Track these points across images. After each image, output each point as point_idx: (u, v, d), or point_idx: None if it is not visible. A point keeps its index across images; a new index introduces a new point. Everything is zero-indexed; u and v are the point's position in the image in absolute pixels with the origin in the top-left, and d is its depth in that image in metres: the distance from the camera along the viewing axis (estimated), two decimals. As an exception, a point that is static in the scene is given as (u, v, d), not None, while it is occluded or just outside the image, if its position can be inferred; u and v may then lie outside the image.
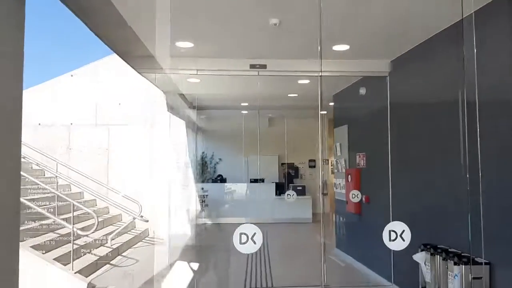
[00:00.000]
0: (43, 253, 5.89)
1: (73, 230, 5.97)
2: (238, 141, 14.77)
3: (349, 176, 6.84)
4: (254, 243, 3.35)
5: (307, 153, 14.61)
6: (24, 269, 2.07)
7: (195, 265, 6.96)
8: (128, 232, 8.84)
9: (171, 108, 10.99)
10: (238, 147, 14.72)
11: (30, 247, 5.80)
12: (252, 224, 3.48)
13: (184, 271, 6.56)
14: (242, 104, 12.76)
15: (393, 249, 3.38)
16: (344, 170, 7.26)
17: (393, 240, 3.24)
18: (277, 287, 5.51)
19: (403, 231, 3.25)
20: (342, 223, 7.58)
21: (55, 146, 10.48)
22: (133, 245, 8.45)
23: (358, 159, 6.66)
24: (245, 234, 3.41)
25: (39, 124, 10.57)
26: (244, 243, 3.33)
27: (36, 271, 5.56)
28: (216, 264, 7.17)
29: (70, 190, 9.08)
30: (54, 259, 5.84)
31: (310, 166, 14.66)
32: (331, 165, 20.88)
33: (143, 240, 9.06)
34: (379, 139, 6.12)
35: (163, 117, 10.74)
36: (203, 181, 14.10)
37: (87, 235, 6.29)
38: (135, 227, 9.26)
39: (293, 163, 14.62)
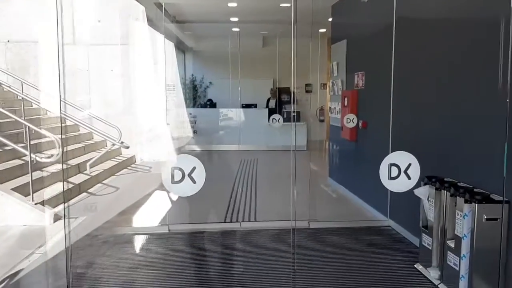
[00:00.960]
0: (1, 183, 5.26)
1: (30, 157, 5.29)
2: (230, 62, 13.76)
3: (346, 99, 6.05)
4: (193, 181, 2.55)
5: (304, 77, 13.66)
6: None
7: (175, 195, 6.39)
8: (113, 159, 8.27)
9: (152, 24, 9.91)
10: (229, 69, 13.74)
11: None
12: (192, 157, 2.68)
13: (161, 201, 6.00)
14: (232, 19, 11.60)
15: (394, 190, 2.65)
16: (340, 93, 6.45)
17: (395, 178, 2.48)
18: (260, 221, 4.95)
19: (409, 165, 2.47)
20: (336, 151, 6.91)
21: (28, 66, 9.60)
22: (116, 173, 7.90)
23: (357, 79, 5.82)
24: (180, 170, 2.53)
25: (8, 41, 9.57)
26: (178, 181, 2.53)
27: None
28: (199, 194, 6.59)
29: (47, 114, 8.21)
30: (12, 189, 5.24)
31: (307, 91, 13.78)
32: (330, 89, 20.05)
33: (128, 168, 8.53)
34: (381, 56, 5.23)
35: (143, 34, 9.71)
36: (193, 106, 13.33)
37: (48, 162, 5.61)
38: (121, 154, 8.66)
39: (288, 88, 13.72)
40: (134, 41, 9.56)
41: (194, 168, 2.43)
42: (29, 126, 5.39)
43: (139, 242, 4.37)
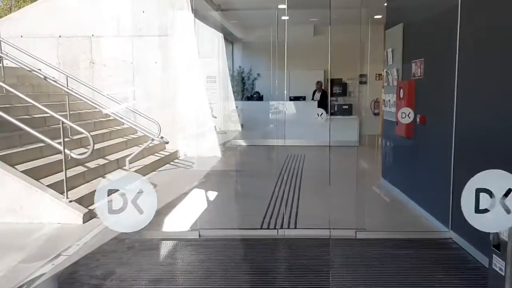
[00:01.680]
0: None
1: (64, 154, 5.08)
2: (277, 53, 13.21)
3: (401, 90, 5.35)
4: (140, 211, 1.81)
5: (358, 68, 12.84)
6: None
7: (213, 194, 6.02)
8: (156, 154, 8.16)
9: (198, 14, 9.58)
10: (277, 60, 13.19)
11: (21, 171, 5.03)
12: (137, 174, 2.01)
13: (195, 202, 5.64)
14: (280, 6, 11.05)
15: (488, 229, 2.00)
16: (395, 83, 5.75)
17: (486, 211, 1.76)
18: (300, 228, 4.43)
19: (510, 190, 1.73)
20: (390, 149, 6.22)
21: (78, 60, 9.63)
22: (158, 168, 7.69)
23: (414, 67, 5.11)
24: (119, 192, 1.77)
25: (60, 36, 9.62)
26: (117, 210, 1.78)
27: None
28: (237, 193, 6.19)
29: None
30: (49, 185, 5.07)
31: (361, 82, 12.96)
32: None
33: (170, 163, 8.31)
34: (443, 40, 4.51)
35: (188, 25, 9.39)
36: (240, 99, 12.95)
37: (81, 158, 5.38)
38: (164, 149, 8.55)
39: (341, 79, 12.97)
40: (178, 32, 9.27)
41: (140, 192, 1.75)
42: (62, 121, 5.18)
43: (166, 249, 4.00)
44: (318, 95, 11.35)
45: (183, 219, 4.79)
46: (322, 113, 4.77)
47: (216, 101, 11.62)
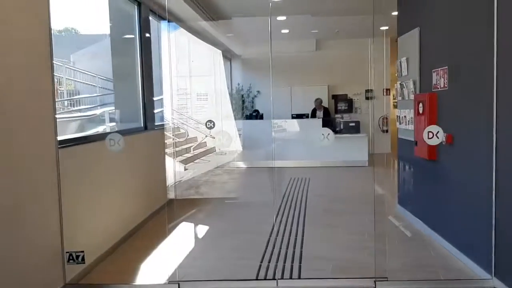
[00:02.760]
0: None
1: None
2: (279, 69, 12.49)
3: (420, 105, 4.55)
4: None
5: (364, 82, 12.10)
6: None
7: (202, 230, 5.20)
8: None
9: (191, 29, 8.92)
10: (278, 76, 12.46)
11: None
12: None
13: (183, 239, 4.81)
14: (279, 18, 10.39)
15: None
16: (412, 97, 4.95)
17: None
18: (304, 279, 3.58)
19: None
20: (407, 172, 5.38)
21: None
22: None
23: (436, 77, 4.32)
24: None
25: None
26: None
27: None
28: (231, 227, 5.36)
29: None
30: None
31: (367, 98, 12.20)
32: (393, 95, 18.24)
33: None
34: (474, 43, 3.74)
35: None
36: (240, 118, 12.19)
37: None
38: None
39: (346, 95, 12.22)
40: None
41: None
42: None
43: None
44: (320, 113, 10.55)
45: (161, 265, 3.95)
46: (329, 134, 3.91)
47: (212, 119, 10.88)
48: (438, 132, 3.31)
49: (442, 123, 4.19)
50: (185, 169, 9.57)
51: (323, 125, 9.74)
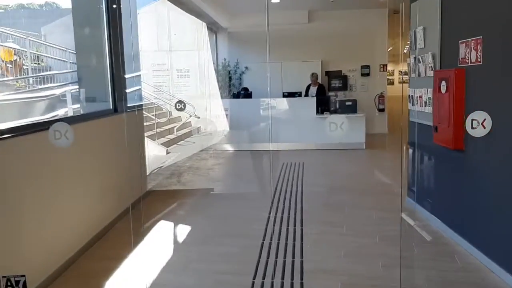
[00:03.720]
0: None
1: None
2: (269, 42, 11.58)
3: (443, 83, 3.79)
4: None
5: (360, 58, 11.29)
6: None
7: (182, 232, 4.44)
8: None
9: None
10: (267, 51, 11.56)
11: None
12: None
13: (159, 248, 4.05)
14: (273, 0, 9.50)
15: None
16: (430, 73, 4.19)
17: None
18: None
19: None
20: (424, 162, 4.65)
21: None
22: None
23: (464, 50, 3.55)
24: None
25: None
26: None
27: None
28: (216, 230, 4.61)
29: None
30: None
31: (362, 74, 11.41)
32: (401, 72, 17.40)
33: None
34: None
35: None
36: (222, 97, 11.33)
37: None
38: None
39: (340, 71, 11.40)
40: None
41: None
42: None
43: None
44: (314, 90, 9.75)
45: (128, 285, 3.20)
46: (343, 123, 3.13)
47: (197, 98, 10.02)
48: (485, 120, 2.56)
49: (471, 106, 3.45)
50: (167, 153, 8.77)
51: (318, 104, 8.96)
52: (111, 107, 4.73)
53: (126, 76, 6.04)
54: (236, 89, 11.20)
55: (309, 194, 5.52)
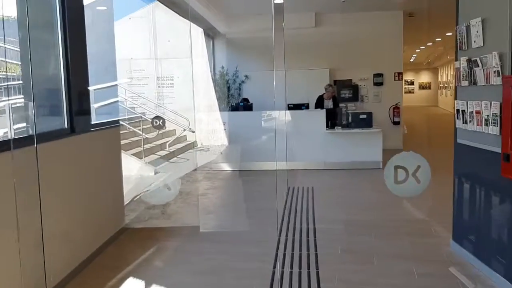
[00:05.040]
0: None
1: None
2: (271, 49, 10.49)
3: (520, 95, 2.66)
4: None
5: (372, 65, 10.20)
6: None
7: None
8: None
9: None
10: (270, 57, 10.46)
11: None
12: None
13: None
14: (276, 1, 8.44)
15: None
16: (496, 81, 3.06)
17: None
18: None
19: None
20: (483, 200, 3.50)
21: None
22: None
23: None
24: None
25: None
26: None
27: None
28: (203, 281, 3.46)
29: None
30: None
31: (375, 83, 10.30)
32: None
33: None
34: None
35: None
36: (225, 108, 10.21)
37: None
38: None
39: (351, 80, 10.30)
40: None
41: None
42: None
43: None
44: (329, 103, 8.60)
45: None
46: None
47: (190, 110, 8.91)
48: None
49: None
50: (156, 173, 7.62)
51: (328, 118, 7.84)
52: (66, 125, 3.60)
53: (98, 86, 4.95)
54: (235, 100, 10.09)
55: (323, 234, 4.36)
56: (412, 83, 31.19)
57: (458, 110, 3.62)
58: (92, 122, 4.23)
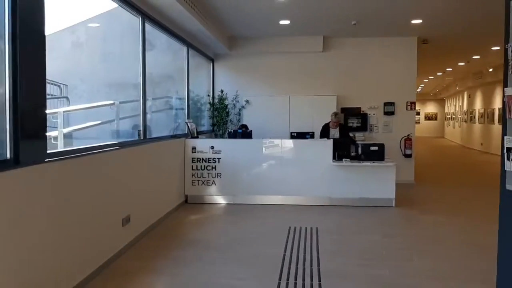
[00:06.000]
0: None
1: None
2: (274, 73, 9.83)
3: None
4: None
5: (383, 93, 9.50)
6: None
7: None
8: None
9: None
10: (273, 82, 9.79)
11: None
12: None
13: None
14: (282, 22, 7.88)
15: None
16: None
17: None
18: None
19: None
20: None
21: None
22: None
23: None
24: None
25: None
26: None
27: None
28: None
29: None
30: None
31: (386, 113, 9.57)
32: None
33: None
34: None
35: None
36: (217, 135, 9.48)
37: None
38: None
39: (359, 108, 9.59)
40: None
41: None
42: None
43: None
44: (335, 132, 7.86)
45: None
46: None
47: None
48: None
49: None
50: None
51: (335, 148, 7.07)
52: (9, 155, 2.84)
53: (69, 108, 4.26)
54: (234, 126, 9.37)
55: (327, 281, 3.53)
56: (418, 113, 30.56)
57: (509, 149, 2.85)
58: (54, 150, 3.48)
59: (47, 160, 3.20)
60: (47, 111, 3.38)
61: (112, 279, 3.96)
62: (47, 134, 4.04)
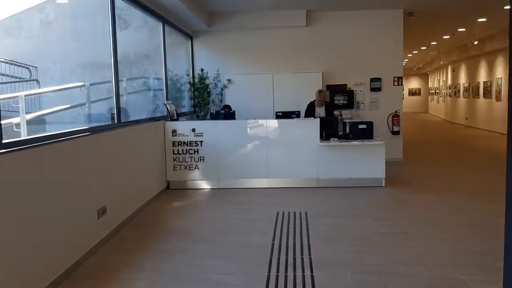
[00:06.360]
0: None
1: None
2: (257, 50, 9.42)
3: None
4: None
5: (369, 69, 9.19)
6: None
7: None
8: None
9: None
10: (256, 60, 9.38)
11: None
12: None
13: None
14: None
15: None
16: None
17: None
18: None
19: None
20: None
21: None
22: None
23: None
24: None
25: None
26: None
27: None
28: None
29: None
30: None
31: (372, 89, 9.28)
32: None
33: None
34: None
35: None
36: (198, 117, 9.08)
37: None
38: None
39: (345, 85, 9.28)
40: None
41: None
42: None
43: None
44: (321, 110, 7.56)
45: None
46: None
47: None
48: None
49: None
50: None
51: (322, 127, 6.77)
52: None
53: (28, 92, 3.85)
54: (216, 106, 8.99)
55: (324, 286, 3.27)
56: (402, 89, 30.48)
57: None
58: (11, 140, 3.09)
59: (2, 151, 2.82)
60: (5, 96, 2.98)
61: (87, 277, 3.64)
62: (8, 121, 3.65)
